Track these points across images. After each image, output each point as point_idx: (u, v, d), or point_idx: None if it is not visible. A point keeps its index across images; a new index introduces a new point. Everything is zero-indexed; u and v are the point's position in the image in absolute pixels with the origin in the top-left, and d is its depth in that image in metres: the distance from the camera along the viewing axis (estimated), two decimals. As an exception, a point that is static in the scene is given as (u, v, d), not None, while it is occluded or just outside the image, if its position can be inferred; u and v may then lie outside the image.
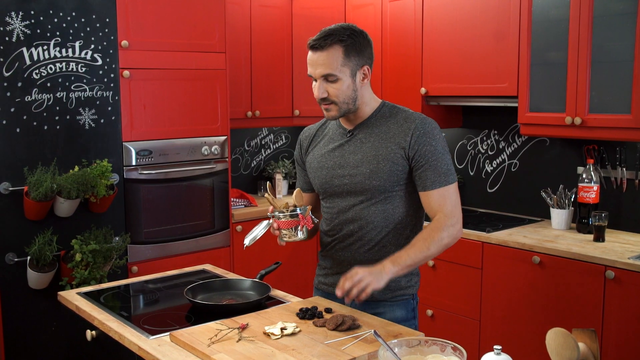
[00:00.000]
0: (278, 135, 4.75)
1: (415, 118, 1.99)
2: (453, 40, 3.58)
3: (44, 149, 3.08)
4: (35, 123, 3.04)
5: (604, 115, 2.97)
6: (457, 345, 1.50)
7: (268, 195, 2.03)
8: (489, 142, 3.88)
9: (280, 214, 1.97)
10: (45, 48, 3.04)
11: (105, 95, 3.25)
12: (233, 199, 3.94)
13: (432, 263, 3.45)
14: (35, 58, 3.01)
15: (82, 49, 3.15)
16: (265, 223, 2.04)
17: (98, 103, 3.22)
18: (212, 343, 1.72)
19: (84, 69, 3.16)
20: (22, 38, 2.96)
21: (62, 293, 2.29)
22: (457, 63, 3.57)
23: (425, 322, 3.50)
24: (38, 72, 3.02)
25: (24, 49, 2.97)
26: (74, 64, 3.13)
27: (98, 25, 3.19)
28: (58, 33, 3.07)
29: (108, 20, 3.22)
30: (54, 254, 3.05)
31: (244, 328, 1.82)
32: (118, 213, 3.33)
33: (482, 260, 3.25)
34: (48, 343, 3.16)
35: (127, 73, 3.30)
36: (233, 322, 1.87)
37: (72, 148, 3.16)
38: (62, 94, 3.11)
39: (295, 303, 2.06)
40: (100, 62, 3.22)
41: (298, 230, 1.97)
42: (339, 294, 1.83)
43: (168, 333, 1.84)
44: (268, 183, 2.14)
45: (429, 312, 3.50)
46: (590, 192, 3.19)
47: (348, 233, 2.05)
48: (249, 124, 4.21)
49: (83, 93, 3.17)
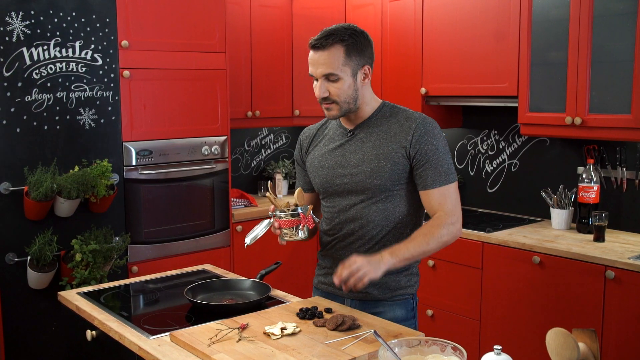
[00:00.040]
0: (278, 135, 4.75)
1: (416, 117, 2.00)
2: (453, 40, 3.58)
3: (44, 149, 3.08)
4: (36, 123, 3.04)
5: (604, 115, 2.97)
6: (457, 345, 1.50)
7: (269, 195, 2.03)
8: (489, 142, 3.88)
9: (282, 213, 1.97)
10: (45, 48, 3.03)
11: (106, 95, 3.25)
12: (233, 199, 3.94)
13: (432, 263, 3.45)
14: (36, 58, 3.01)
15: (82, 49, 3.15)
16: (266, 222, 2.05)
17: (98, 103, 3.22)
18: (212, 343, 1.72)
19: (84, 69, 3.16)
20: (22, 38, 2.96)
21: (62, 293, 2.29)
22: (457, 63, 3.57)
23: (425, 322, 3.50)
24: (38, 72, 3.02)
25: (24, 49, 2.97)
26: (74, 64, 3.13)
27: (98, 25, 3.19)
28: (58, 33, 3.07)
29: (108, 20, 3.22)
30: (54, 254, 3.05)
31: (244, 328, 1.82)
32: (118, 213, 3.33)
33: (482, 260, 3.25)
34: (48, 343, 3.16)
35: (127, 73, 3.30)
36: (233, 322, 1.87)
37: (72, 148, 3.16)
38: (62, 94, 3.11)
39: (296, 303, 2.06)
40: (101, 62, 3.21)
41: (299, 230, 1.98)
42: (337, 282, 1.83)
43: (168, 333, 1.84)
44: (269, 182, 2.15)
45: (429, 312, 3.50)
46: (591, 192, 3.19)
47: (348, 232, 2.05)
48: (249, 124, 4.21)
49: (83, 93, 3.17)
